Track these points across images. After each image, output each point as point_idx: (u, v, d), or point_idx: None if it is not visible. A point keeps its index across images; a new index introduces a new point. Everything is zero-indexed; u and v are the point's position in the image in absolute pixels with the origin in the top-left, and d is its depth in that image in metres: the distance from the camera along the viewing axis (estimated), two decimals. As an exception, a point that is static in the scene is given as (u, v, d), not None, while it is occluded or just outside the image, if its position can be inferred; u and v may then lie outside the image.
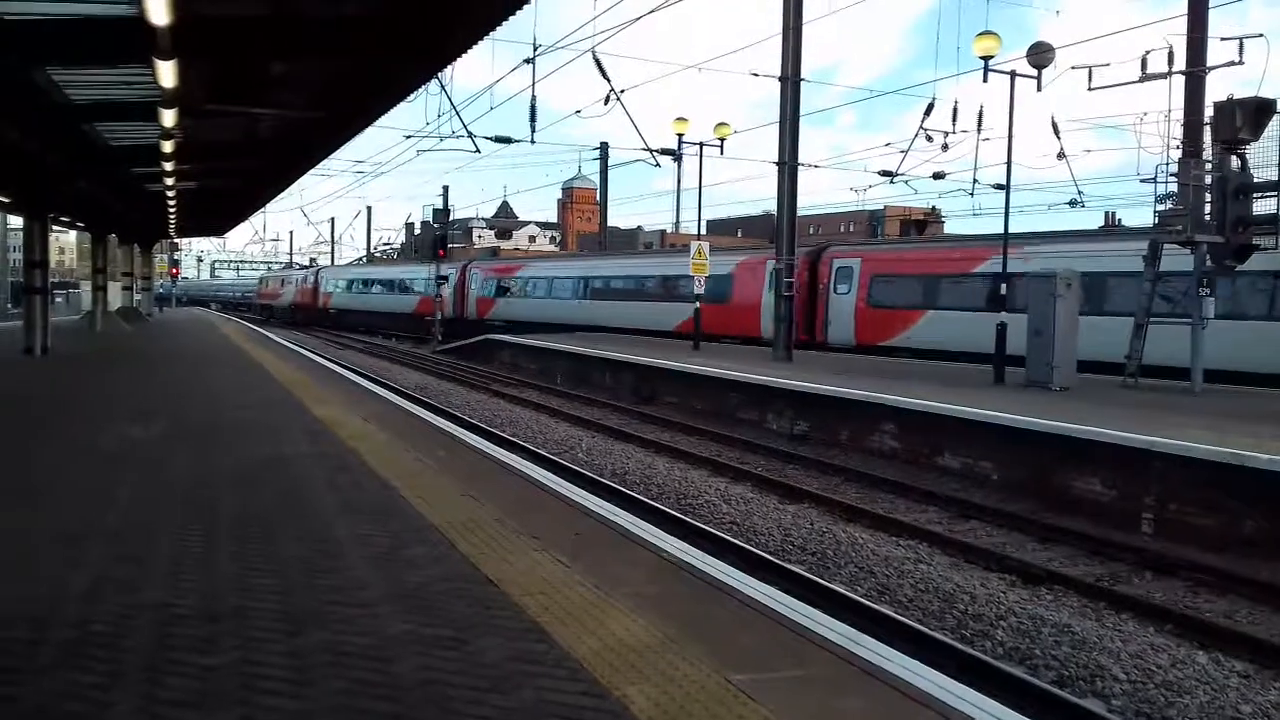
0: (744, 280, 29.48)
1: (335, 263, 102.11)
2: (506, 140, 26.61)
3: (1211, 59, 17.96)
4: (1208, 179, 16.11)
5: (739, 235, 73.91)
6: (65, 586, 5.03)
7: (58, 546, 5.82)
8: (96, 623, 4.51)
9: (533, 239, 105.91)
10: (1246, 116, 15.54)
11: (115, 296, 41.37)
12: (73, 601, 4.80)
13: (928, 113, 24.52)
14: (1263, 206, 15.85)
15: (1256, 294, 17.87)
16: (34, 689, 3.79)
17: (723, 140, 26.87)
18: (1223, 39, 18.13)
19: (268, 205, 50.83)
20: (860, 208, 64.48)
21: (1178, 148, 17.90)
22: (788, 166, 22.40)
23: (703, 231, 30.52)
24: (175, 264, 76.38)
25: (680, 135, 27.23)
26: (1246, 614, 8.38)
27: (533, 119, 24.27)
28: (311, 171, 29.12)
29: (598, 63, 22.35)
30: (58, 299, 46.37)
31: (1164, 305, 16.76)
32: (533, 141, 25.52)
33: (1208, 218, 15.95)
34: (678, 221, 58.61)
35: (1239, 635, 7.73)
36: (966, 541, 10.32)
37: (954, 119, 24.51)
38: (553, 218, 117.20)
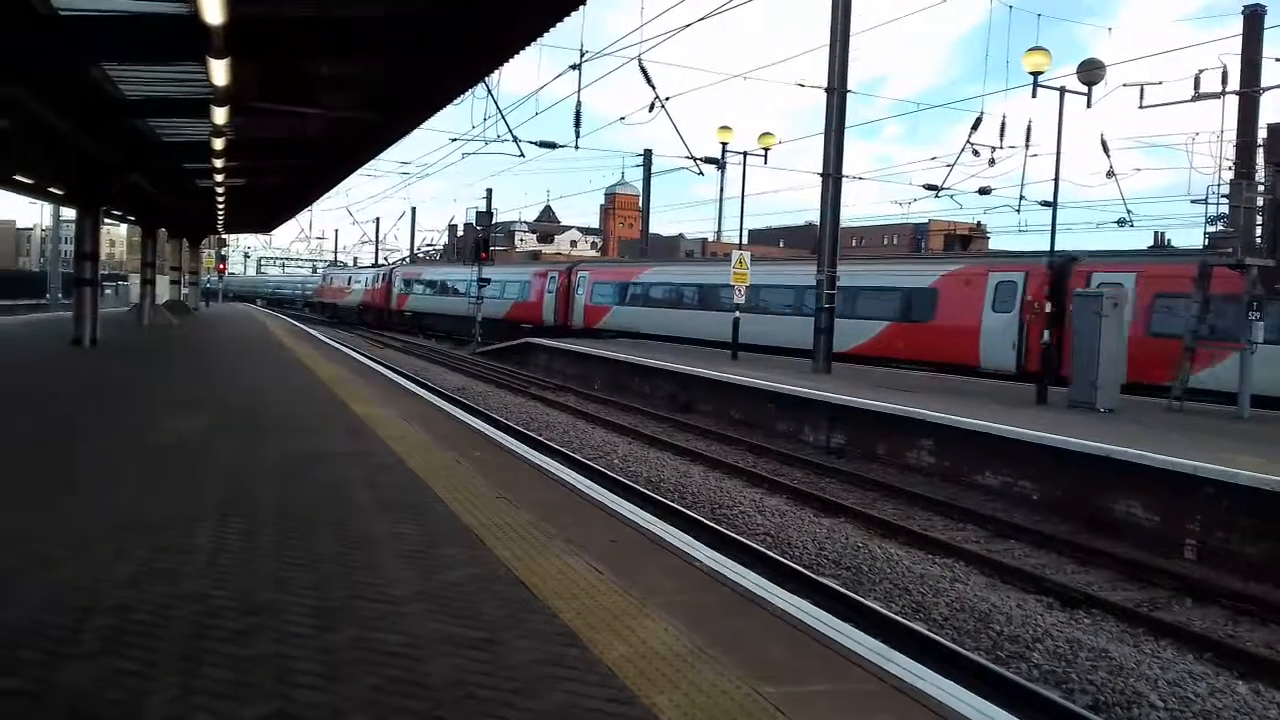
0: (954, 295, 23.47)
1: (380, 262, 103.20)
2: (551, 145, 26.75)
3: (1266, 79, 17.76)
4: (1260, 201, 15.85)
5: (780, 245, 73.69)
6: (108, 575, 5.11)
7: (102, 536, 5.91)
8: (137, 611, 4.58)
9: (574, 243, 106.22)
10: (1302, 138, 15.28)
11: (163, 290, 41.97)
12: (115, 590, 4.88)
13: (975, 127, 24.37)
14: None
15: None
16: (76, 675, 3.85)
17: (767, 150, 26.86)
18: (1278, 59, 17.88)
19: (314, 204, 51.42)
20: (904, 220, 64.13)
21: (1230, 169, 17.65)
22: (832, 178, 22.30)
23: (744, 240, 30.47)
24: (222, 259, 77.27)
25: (724, 144, 27.28)
26: (1290, 645, 8.21)
27: (577, 124, 24.38)
28: (358, 171, 29.43)
29: (643, 70, 22.44)
30: (107, 291, 47.17)
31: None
32: (577, 147, 25.65)
33: (1259, 240, 15.69)
34: (720, 230, 58.54)
35: (1281, 666, 7.58)
36: (1004, 562, 10.20)
37: (1001, 134, 24.34)
38: (594, 223, 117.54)
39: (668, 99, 23.68)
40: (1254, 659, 7.73)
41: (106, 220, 29.84)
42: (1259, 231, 15.72)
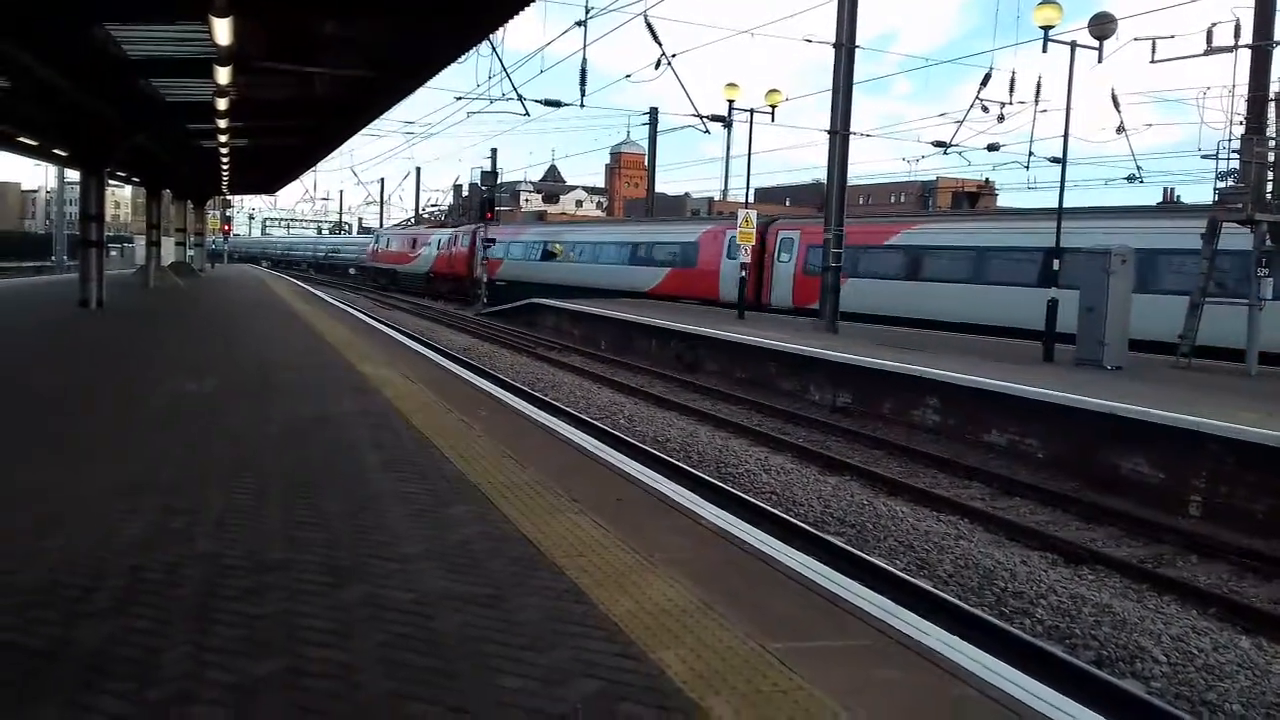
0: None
1: (385, 223, 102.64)
2: (556, 104, 26.59)
3: (1280, 33, 17.44)
4: (1271, 156, 15.71)
5: (787, 204, 73.33)
6: (120, 536, 5.16)
7: (113, 497, 5.97)
8: (149, 571, 4.63)
9: (579, 204, 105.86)
10: (1314, 93, 15.12)
11: (169, 251, 41.99)
12: (127, 550, 4.93)
13: (984, 83, 24.12)
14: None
15: None
16: (90, 633, 3.91)
17: (774, 107, 26.62)
18: (1293, 12, 17.58)
19: (319, 164, 51.14)
20: (912, 178, 63.74)
21: (1241, 124, 17.46)
22: (839, 135, 22.15)
23: (751, 199, 30.32)
24: (227, 220, 77.13)
25: (731, 102, 27.01)
26: (1293, 600, 8.26)
27: (583, 82, 24.24)
28: (362, 132, 29.27)
29: (649, 26, 22.25)
30: (112, 253, 47.18)
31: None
32: (582, 105, 25.48)
33: (1269, 196, 15.57)
34: (726, 189, 58.32)
35: (1284, 621, 7.63)
36: (1009, 519, 10.25)
37: (1011, 90, 24.15)
38: (600, 182, 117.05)
39: (674, 56, 23.52)
40: (1258, 614, 7.78)
41: (111, 182, 29.83)
42: (1270, 187, 15.59)
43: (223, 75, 14.04)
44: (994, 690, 3.76)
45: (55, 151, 26.37)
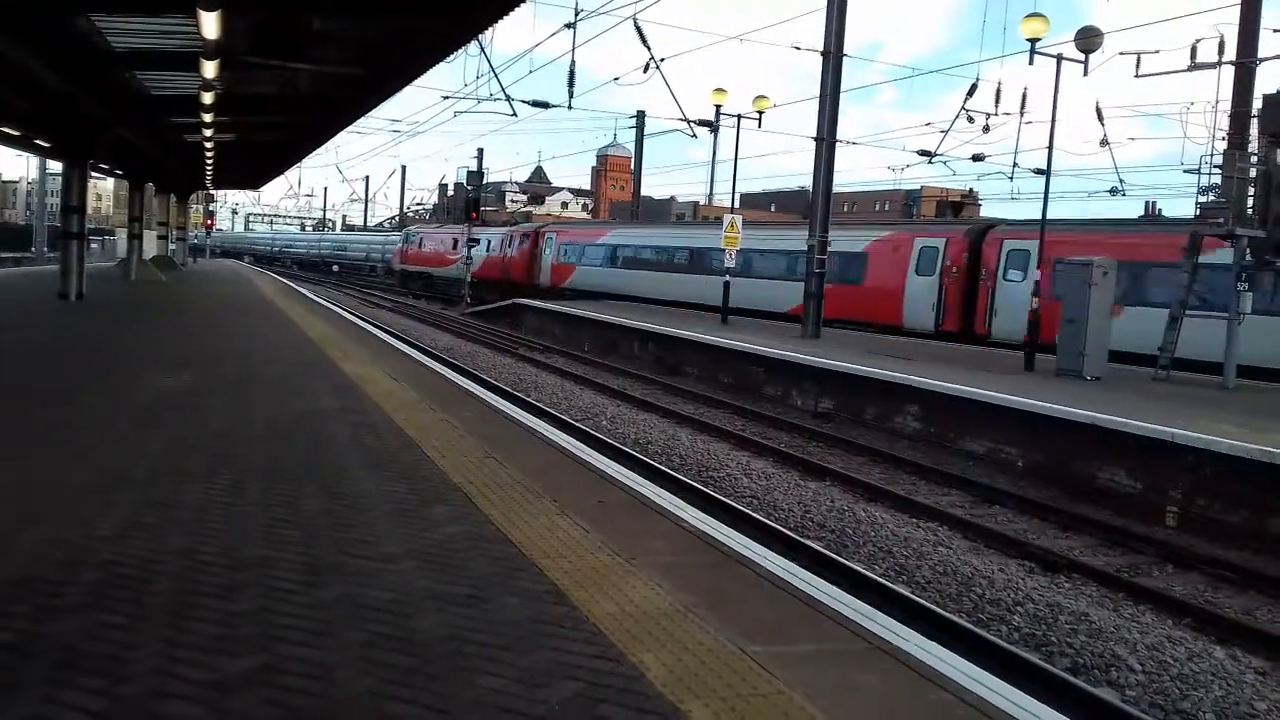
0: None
1: (369, 222, 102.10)
2: (544, 105, 26.50)
3: (1263, 50, 17.67)
4: (1253, 172, 15.84)
5: (772, 210, 73.51)
6: (94, 530, 5.11)
7: (89, 492, 5.92)
8: (123, 566, 4.59)
9: (565, 205, 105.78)
10: (1296, 110, 15.25)
11: (150, 245, 41.69)
12: (101, 545, 4.89)
13: (970, 94, 24.20)
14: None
15: None
16: (62, 628, 3.87)
17: (761, 113, 26.67)
18: (1275, 30, 17.83)
19: (303, 160, 50.88)
20: (897, 187, 64.00)
21: (1223, 139, 17.62)
22: (826, 142, 22.20)
23: (736, 205, 30.36)
24: (210, 215, 76.48)
25: (719, 107, 27.04)
26: (1267, 611, 8.34)
27: (571, 84, 24.17)
28: (348, 129, 29.16)
29: (638, 30, 22.22)
30: (93, 245, 46.82)
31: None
32: (570, 107, 25.42)
33: (1250, 211, 15.70)
34: (711, 193, 58.41)
35: (1257, 632, 7.70)
36: (987, 526, 10.29)
37: (997, 101, 24.20)
38: (586, 184, 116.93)
39: (662, 60, 23.48)
40: (1232, 624, 7.84)
41: (94, 174, 29.59)
42: (1250, 202, 15.72)
43: (209, 69, 13.96)
44: (971, 696, 3.77)
45: (38, 142, 26.14)
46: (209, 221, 74.98)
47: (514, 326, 31.78)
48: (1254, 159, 16.09)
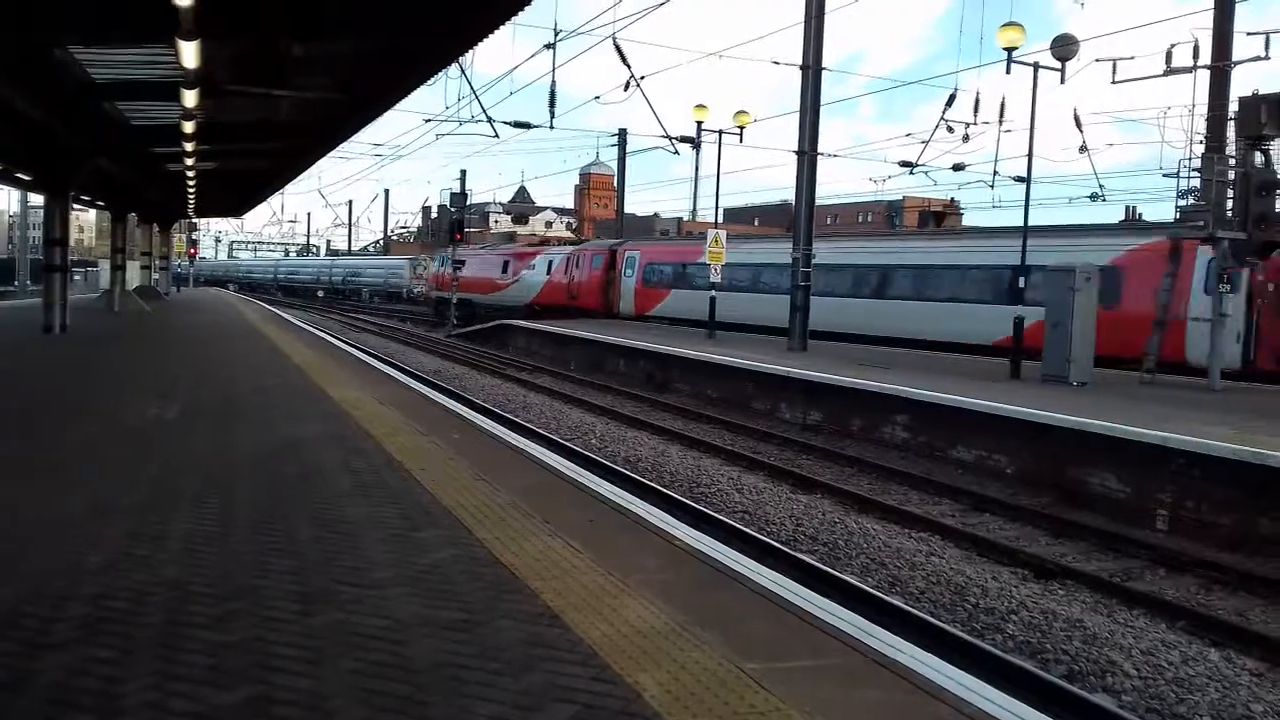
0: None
1: (353, 247, 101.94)
2: (525, 125, 26.62)
3: (1237, 53, 17.82)
4: (1231, 174, 15.97)
5: (755, 224, 73.72)
6: (83, 562, 5.07)
7: (77, 523, 5.87)
8: (113, 599, 4.55)
9: (549, 224, 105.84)
10: (1271, 112, 15.38)
11: (134, 275, 41.55)
12: (91, 577, 4.84)
13: (949, 104, 24.42)
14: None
15: None
16: (51, 664, 3.83)
17: (742, 129, 26.81)
18: (1249, 34, 17.94)
19: (286, 187, 50.90)
20: (878, 198, 64.23)
21: (1201, 143, 17.75)
22: (807, 156, 22.30)
23: (720, 220, 30.44)
24: (194, 244, 76.25)
25: (700, 123, 27.19)
26: (1260, 613, 8.35)
27: (552, 104, 24.30)
28: (330, 154, 29.18)
29: (618, 49, 22.30)
30: (76, 277, 46.62)
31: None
32: (552, 127, 25.56)
33: (1230, 214, 15.82)
34: (694, 209, 58.53)
35: (1251, 634, 7.71)
36: (979, 535, 10.30)
37: (975, 110, 24.49)
38: (569, 203, 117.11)
39: (643, 78, 23.61)
40: (1226, 627, 7.85)
41: (75, 205, 29.47)
42: (1230, 204, 15.85)
43: (189, 98, 13.95)
44: (970, 707, 3.76)
45: (18, 175, 26.07)
46: (192, 250, 74.72)
47: (501, 348, 31.74)
48: (1232, 161, 16.22)
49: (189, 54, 11.16)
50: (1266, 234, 15.64)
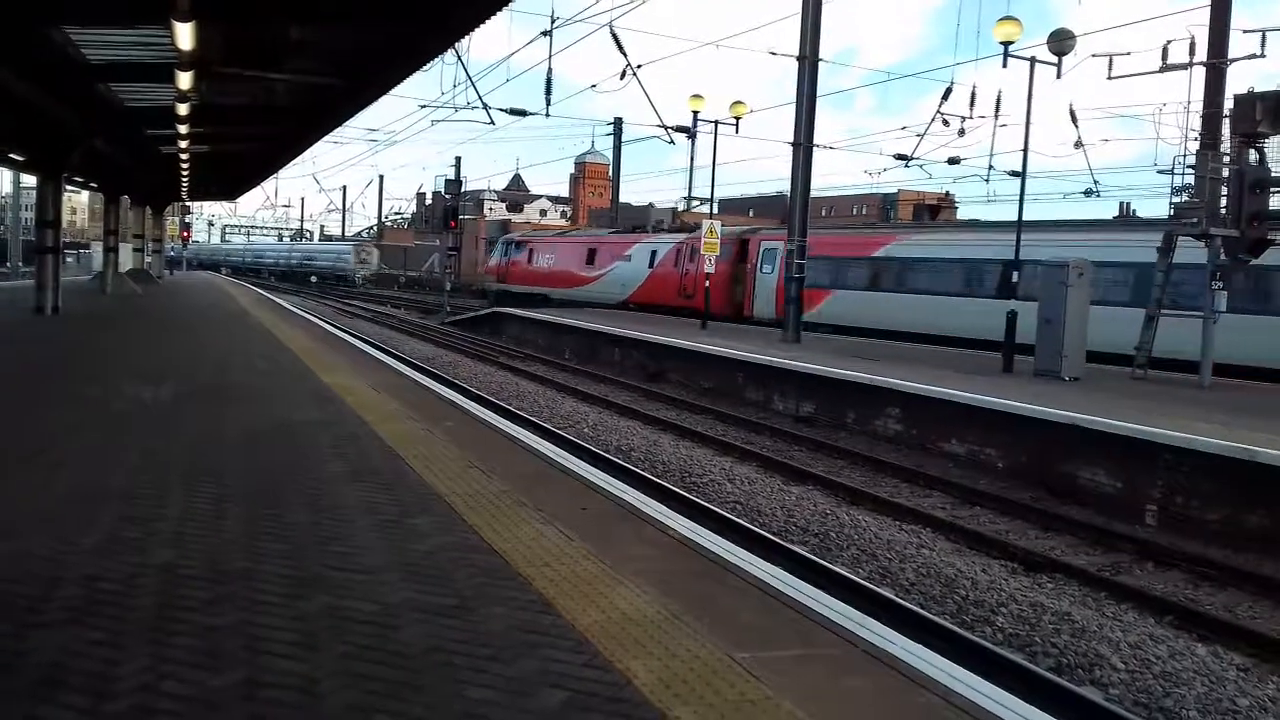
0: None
1: (347, 232, 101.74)
2: (521, 113, 26.56)
3: (1234, 51, 17.85)
4: (1225, 172, 16.00)
5: (750, 215, 73.66)
6: (75, 545, 5.07)
7: (69, 506, 5.86)
8: (105, 581, 4.55)
9: (544, 213, 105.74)
10: (1266, 110, 15.40)
11: (126, 258, 41.41)
12: (82, 560, 4.84)
13: (945, 97, 24.45)
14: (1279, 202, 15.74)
15: None
16: (44, 644, 3.83)
17: (738, 119, 26.77)
18: (1245, 31, 17.96)
19: (280, 171, 50.63)
20: (874, 190, 64.30)
21: (1196, 139, 17.78)
22: (803, 147, 22.29)
23: (715, 210, 30.41)
24: (186, 227, 75.78)
25: (696, 113, 27.15)
26: (1247, 608, 8.39)
27: (548, 92, 24.28)
28: (325, 138, 29.07)
29: (615, 37, 22.30)
30: (69, 259, 46.46)
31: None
32: (547, 115, 25.58)
33: (1223, 211, 15.86)
34: (689, 199, 58.39)
35: (1239, 629, 7.75)
36: (969, 528, 10.33)
37: (971, 104, 24.45)
38: (564, 192, 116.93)
39: (639, 67, 23.63)
40: (1214, 622, 7.89)
41: (68, 187, 29.38)
42: (1224, 202, 15.88)
43: (184, 80, 13.88)
44: (958, 698, 3.78)
45: (11, 156, 25.93)
46: (185, 234, 74.33)
47: (495, 335, 31.71)
48: (1226, 159, 16.25)
49: (184, 35, 11.10)
50: (1259, 232, 15.66)
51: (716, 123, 27.59)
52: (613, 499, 6.77)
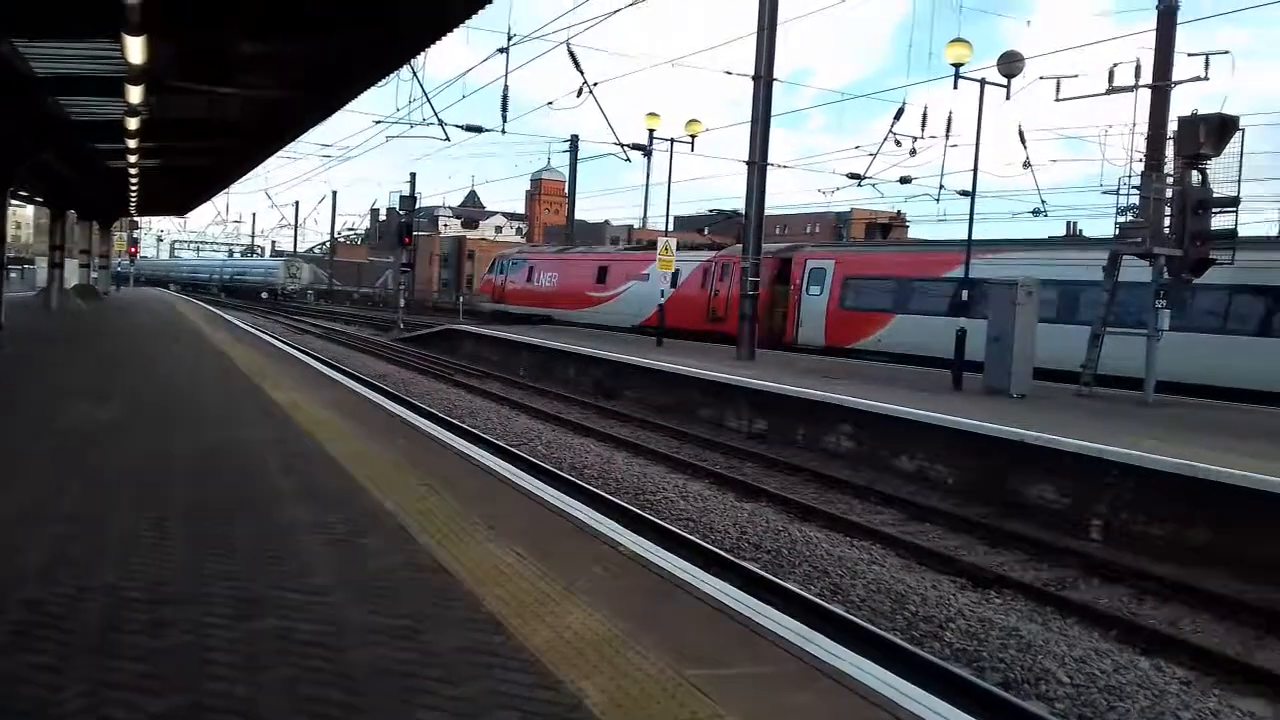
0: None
1: (298, 248, 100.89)
2: (477, 129, 26.52)
3: (1178, 74, 18.21)
4: (1168, 193, 16.35)
5: (705, 233, 73.99)
6: (17, 568, 4.97)
7: (10, 528, 5.75)
8: (48, 604, 4.46)
9: (499, 229, 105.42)
10: (1209, 132, 15.76)
11: (72, 274, 40.71)
12: (24, 583, 4.75)
13: (897, 117, 24.80)
14: (1221, 222, 16.11)
15: None
16: (-19, 669, 3.75)
17: (694, 137, 26.95)
18: (1189, 55, 18.37)
19: (232, 186, 50.05)
20: (827, 209, 64.81)
21: (1140, 161, 18.15)
22: (758, 166, 22.47)
23: (670, 228, 30.54)
24: (134, 243, 74.55)
25: (652, 131, 27.28)
26: (1189, 622, 8.54)
27: (504, 109, 24.24)
28: (278, 154, 28.81)
29: (571, 55, 22.39)
30: (12, 274, 45.51)
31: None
32: (504, 131, 25.52)
33: (1167, 231, 16.19)
34: (645, 217, 58.65)
35: (1181, 642, 7.89)
36: (919, 544, 10.42)
37: (923, 124, 24.83)
38: (520, 209, 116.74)
39: (596, 85, 23.72)
40: (1156, 635, 8.03)
41: (13, 202, 28.81)
42: (1167, 222, 16.21)
43: (135, 95, 13.71)
44: (906, 714, 3.82)
45: (-46, 169, 25.42)
46: (133, 249, 73.13)
47: (449, 352, 31.51)
48: (1170, 180, 16.60)
49: (135, 49, 10.97)
50: (1201, 251, 16.02)
51: (672, 140, 27.76)
52: (565, 516, 6.76)
